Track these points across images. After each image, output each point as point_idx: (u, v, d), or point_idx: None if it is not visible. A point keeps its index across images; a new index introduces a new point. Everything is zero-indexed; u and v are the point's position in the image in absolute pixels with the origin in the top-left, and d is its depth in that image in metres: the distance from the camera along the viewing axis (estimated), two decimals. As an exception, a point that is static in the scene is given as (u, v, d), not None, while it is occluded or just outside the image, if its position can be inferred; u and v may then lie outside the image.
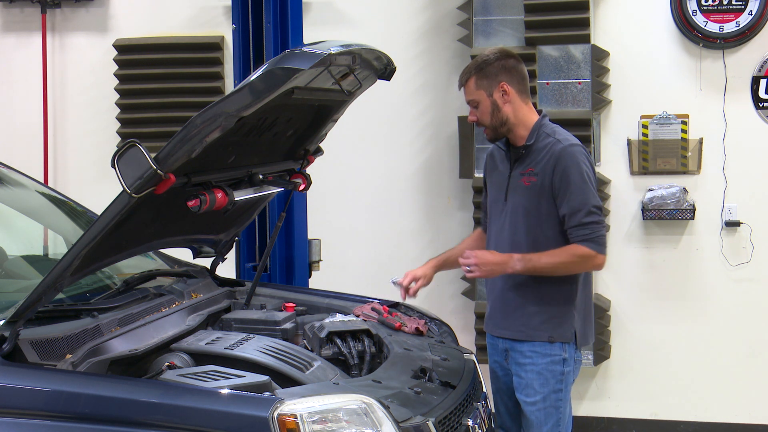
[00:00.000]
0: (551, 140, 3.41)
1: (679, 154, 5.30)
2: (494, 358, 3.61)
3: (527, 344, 3.44)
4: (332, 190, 5.63)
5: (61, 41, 6.06)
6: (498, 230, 3.51)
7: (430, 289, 5.74)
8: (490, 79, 3.43)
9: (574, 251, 3.35)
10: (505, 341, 3.52)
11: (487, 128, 3.47)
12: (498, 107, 3.43)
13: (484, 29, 5.28)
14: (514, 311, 3.47)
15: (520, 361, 3.46)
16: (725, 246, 5.33)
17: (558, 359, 3.42)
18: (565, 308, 3.44)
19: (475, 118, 3.48)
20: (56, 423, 2.54)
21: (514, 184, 3.46)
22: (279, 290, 3.96)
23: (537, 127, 3.44)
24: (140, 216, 2.91)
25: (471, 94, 3.47)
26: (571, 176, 3.34)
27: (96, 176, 5.90)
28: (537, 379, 3.42)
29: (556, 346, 3.42)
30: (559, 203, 3.37)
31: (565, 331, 3.43)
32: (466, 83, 3.48)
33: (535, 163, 3.40)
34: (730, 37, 5.23)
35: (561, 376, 3.42)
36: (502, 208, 3.48)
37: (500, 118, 3.43)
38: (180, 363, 2.98)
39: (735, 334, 5.35)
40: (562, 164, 3.35)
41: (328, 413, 2.54)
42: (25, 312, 2.73)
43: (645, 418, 5.47)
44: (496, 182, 3.56)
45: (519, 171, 3.44)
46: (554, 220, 3.39)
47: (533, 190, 3.39)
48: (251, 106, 2.73)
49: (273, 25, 4.71)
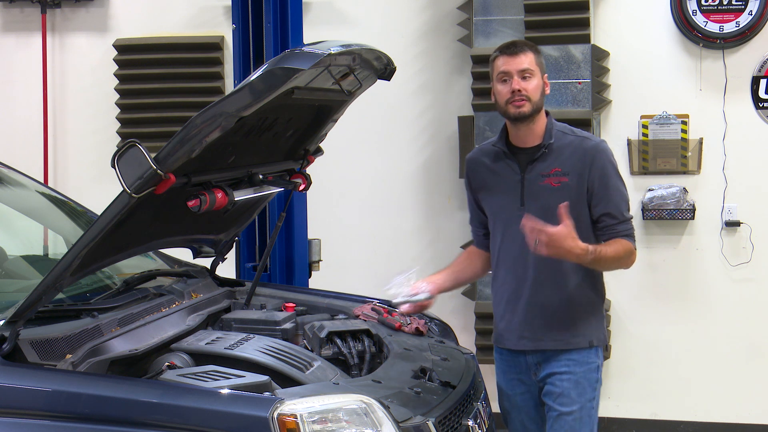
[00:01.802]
0: (574, 138, 3.31)
1: (679, 154, 5.30)
2: (512, 376, 3.41)
3: (564, 353, 3.28)
4: (332, 190, 5.63)
5: (61, 41, 6.06)
6: (519, 236, 3.18)
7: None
8: (542, 64, 3.32)
9: (626, 246, 3.23)
10: (536, 355, 3.32)
11: (529, 103, 3.23)
12: (543, 91, 3.30)
13: (484, 29, 5.28)
14: (550, 320, 3.28)
15: (555, 371, 3.29)
16: (725, 246, 5.33)
17: (594, 366, 3.31)
18: (600, 309, 3.35)
19: (519, 87, 3.22)
20: (56, 423, 2.54)
21: (533, 187, 3.27)
22: (279, 290, 3.96)
23: (551, 125, 3.32)
24: (140, 216, 2.90)
25: (529, 64, 3.25)
26: (609, 173, 3.26)
27: (96, 176, 5.90)
28: (574, 389, 3.27)
29: (593, 353, 3.30)
30: (597, 201, 3.25)
31: (602, 334, 3.34)
32: (524, 52, 3.26)
33: (561, 163, 3.26)
34: (730, 37, 5.23)
35: (596, 384, 3.33)
36: (519, 214, 3.21)
37: (541, 102, 3.29)
38: (180, 363, 2.98)
39: (735, 334, 5.35)
40: (599, 162, 3.25)
41: (328, 413, 2.54)
42: (25, 312, 2.72)
43: (645, 418, 5.47)
44: (500, 188, 3.35)
45: (539, 172, 3.27)
46: (586, 219, 3.26)
47: (565, 191, 3.23)
48: (251, 106, 2.73)
49: (273, 25, 4.71)
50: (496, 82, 3.29)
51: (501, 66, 3.28)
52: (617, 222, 3.25)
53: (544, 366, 3.31)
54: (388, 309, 3.69)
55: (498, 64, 3.30)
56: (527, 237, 3.08)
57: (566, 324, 3.28)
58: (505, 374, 3.44)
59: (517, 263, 3.30)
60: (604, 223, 3.26)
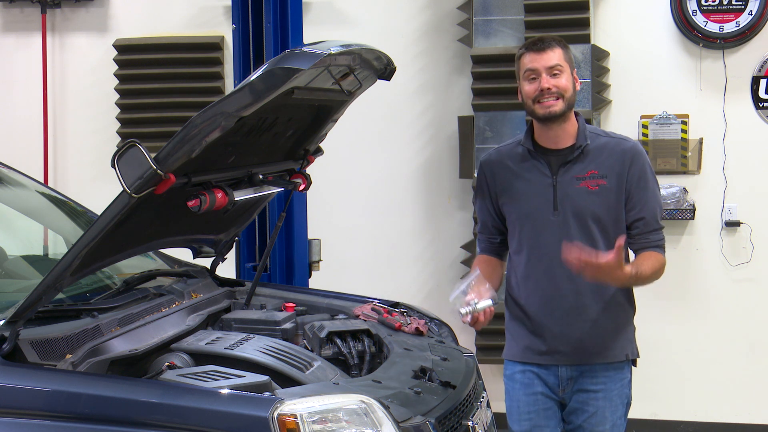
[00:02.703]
0: (609, 139, 3.15)
1: (679, 154, 5.30)
2: (535, 390, 3.21)
3: (601, 368, 3.15)
4: (332, 190, 5.63)
5: (61, 41, 6.06)
6: (553, 244, 3.05)
7: (429, 289, 5.79)
8: (572, 59, 3.13)
9: (660, 258, 3.11)
10: (570, 368, 3.16)
11: (562, 100, 3.05)
12: (574, 87, 3.10)
13: (484, 29, 5.28)
14: (588, 333, 3.12)
15: (588, 388, 3.15)
16: (725, 246, 5.33)
17: (627, 382, 3.23)
18: (632, 320, 3.25)
19: (550, 85, 3.04)
20: (56, 423, 2.54)
21: (568, 190, 3.09)
22: (279, 290, 3.96)
23: (584, 126, 3.14)
24: (140, 216, 2.90)
25: (558, 60, 3.06)
26: (648, 177, 3.11)
27: (96, 176, 5.90)
28: (609, 407, 3.17)
29: (627, 369, 3.21)
30: (632, 205, 3.09)
31: (635, 346, 3.25)
32: (553, 48, 3.07)
33: (598, 165, 3.09)
34: (730, 37, 5.23)
35: (628, 400, 3.25)
36: (553, 219, 3.08)
37: (573, 100, 3.09)
38: (180, 363, 2.98)
39: (735, 334, 5.35)
40: (638, 164, 3.10)
41: (328, 413, 2.54)
42: (25, 312, 2.72)
43: (645, 418, 5.47)
44: (528, 193, 3.14)
45: (573, 175, 3.09)
46: (623, 224, 3.11)
47: (603, 195, 3.08)
48: (251, 106, 2.73)
49: (273, 25, 4.71)
50: (523, 80, 3.11)
51: (528, 63, 3.09)
52: (651, 230, 3.12)
53: (578, 381, 3.16)
54: (388, 309, 3.69)
55: (525, 61, 3.10)
56: (571, 266, 2.89)
57: (603, 337, 3.14)
58: (525, 389, 3.22)
59: (549, 274, 3.11)
60: (637, 229, 3.11)
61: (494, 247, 3.31)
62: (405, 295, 4.48)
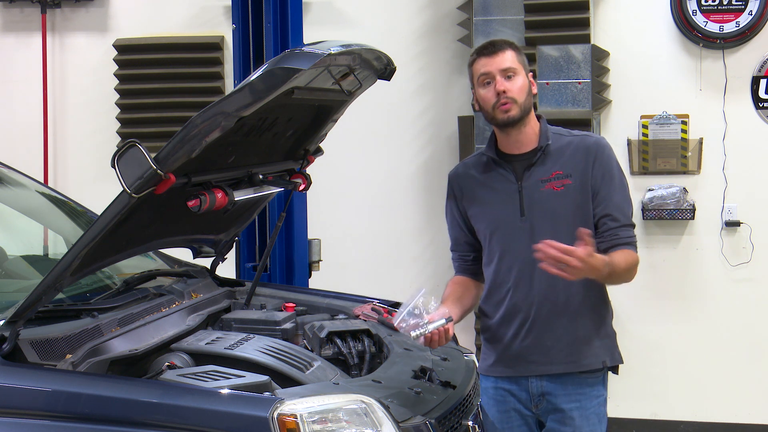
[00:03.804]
0: (572, 137, 3.05)
1: (679, 154, 5.30)
2: (507, 407, 3.03)
3: (573, 381, 2.97)
4: (332, 190, 5.63)
5: (61, 41, 6.06)
6: (524, 250, 2.91)
7: (429, 289, 5.76)
8: (525, 62, 3.02)
9: (632, 256, 2.95)
10: (541, 381, 2.98)
11: (516, 105, 2.95)
12: (530, 90, 3.00)
13: (484, 29, 5.28)
14: (561, 340, 2.96)
15: (563, 407, 2.97)
16: (725, 246, 5.33)
17: (603, 400, 3.04)
18: (609, 325, 3.07)
19: (504, 88, 2.93)
20: (56, 423, 2.54)
21: (534, 195, 2.98)
22: (279, 290, 3.96)
23: (545, 128, 3.04)
24: (140, 216, 2.90)
25: (510, 62, 2.95)
26: (613, 170, 3.01)
27: (96, 176, 5.89)
28: (586, 425, 2.98)
29: (601, 386, 3.02)
30: (598, 201, 2.97)
31: (616, 353, 3.06)
32: (504, 50, 2.97)
33: (562, 165, 2.99)
34: (730, 37, 5.23)
35: (605, 418, 3.05)
36: (521, 225, 2.97)
37: (529, 103, 2.99)
38: (180, 363, 2.98)
39: (735, 334, 5.35)
40: (602, 158, 2.99)
41: (328, 413, 2.55)
42: (25, 312, 2.73)
43: (645, 418, 5.47)
44: (495, 201, 3.03)
45: (538, 178, 2.98)
46: (592, 222, 2.97)
47: (569, 195, 2.96)
48: (251, 106, 2.73)
49: (273, 25, 4.72)
50: (478, 86, 2.99)
51: (481, 68, 2.97)
52: (619, 226, 2.97)
53: (549, 399, 2.98)
54: (388, 309, 3.69)
55: (477, 67, 2.99)
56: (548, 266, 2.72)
57: (575, 344, 2.96)
58: (498, 406, 3.05)
59: (521, 281, 2.97)
60: (605, 226, 2.96)
61: (467, 265, 3.15)
62: (405, 295, 4.47)
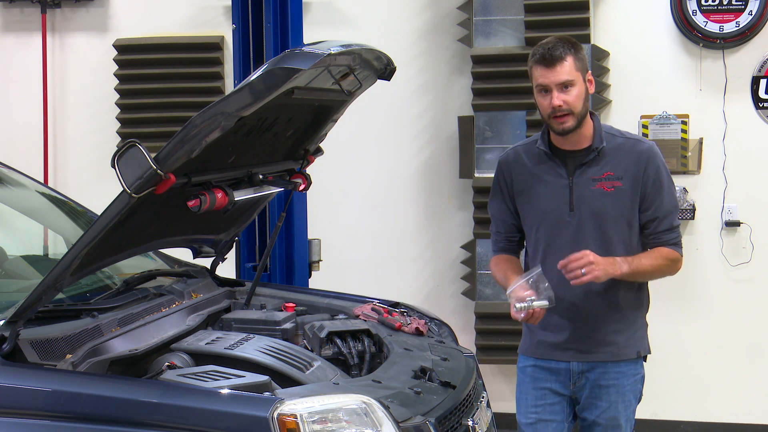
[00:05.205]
0: (624, 140, 3.16)
1: (679, 154, 5.30)
2: (544, 385, 3.24)
3: (612, 365, 3.18)
4: (332, 190, 5.63)
5: (61, 41, 6.06)
6: (568, 244, 3.08)
7: (429, 289, 5.79)
8: (584, 62, 3.06)
9: (668, 255, 3.14)
10: (581, 364, 3.18)
11: (572, 116, 3.04)
12: (587, 95, 3.07)
13: (484, 29, 5.28)
14: (601, 331, 3.16)
15: (601, 384, 3.18)
16: (725, 246, 5.33)
17: (640, 378, 3.25)
18: (645, 318, 3.26)
19: (561, 103, 3.01)
20: (56, 423, 2.54)
21: (584, 192, 3.11)
22: (279, 290, 3.96)
23: (600, 127, 3.14)
24: (140, 216, 2.90)
25: (568, 74, 3.01)
26: (663, 178, 3.13)
27: (96, 176, 5.90)
28: (621, 402, 3.20)
29: (639, 364, 3.23)
30: (647, 206, 3.12)
31: (647, 343, 3.26)
32: (563, 60, 3.01)
33: (613, 166, 3.11)
34: (730, 37, 5.23)
35: (640, 395, 3.28)
36: (569, 220, 3.12)
37: (586, 109, 3.07)
38: (180, 363, 2.98)
39: (735, 334, 5.35)
40: (654, 165, 3.12)
41: (328, 413, 2.54)
42: (25, 312, 2.73)
43: (645, 418, 5.46)
44: (545, 194, 3.16)
45: (589, 177, 3.11)
46: (637, 225, 3.15)
47: (618, 197, 3.10)
48: (251, 106, 2.73)
49: (273, 25, 4.71)
50: (536, 91, 3.09)
51: (539, 77, 3.05)
52: (664, 230, 3.14)
53: (588, 376, 3.19)
54: (388, 309, 3.69)
55: (535, 75, 3.07)
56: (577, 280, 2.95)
57: (616, 335, 3.17)
58: (534, 383, 3.25)
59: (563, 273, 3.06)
60: (650, 229, 3.14)
61: (512, 246, 3.33)
62: (405, 295, 4.49)
